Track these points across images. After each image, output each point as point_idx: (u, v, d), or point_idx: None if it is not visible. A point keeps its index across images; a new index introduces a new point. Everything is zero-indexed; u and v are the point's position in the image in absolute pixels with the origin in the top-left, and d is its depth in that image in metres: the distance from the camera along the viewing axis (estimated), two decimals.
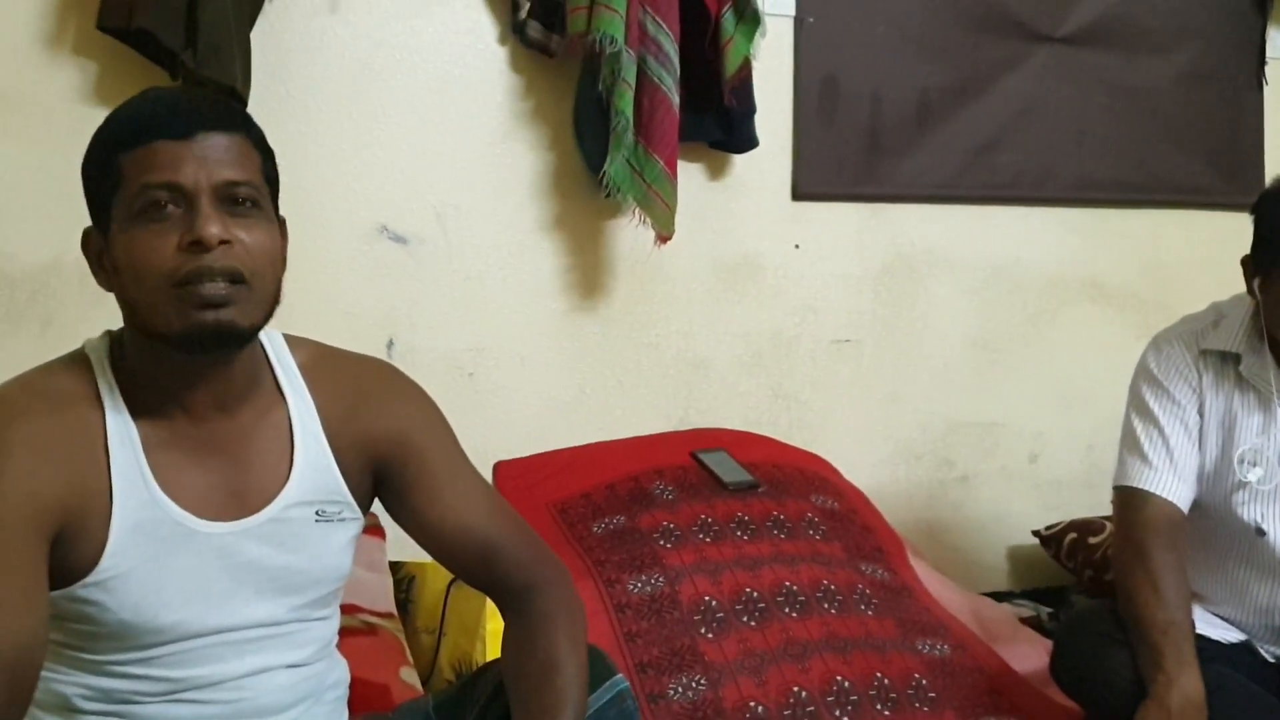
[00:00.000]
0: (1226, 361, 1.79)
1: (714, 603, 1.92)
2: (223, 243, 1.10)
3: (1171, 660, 1.61)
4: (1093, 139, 2.82)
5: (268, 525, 1.18)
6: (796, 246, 2.61)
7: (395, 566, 2.01)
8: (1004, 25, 2.73)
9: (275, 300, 1.17)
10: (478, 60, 2.35)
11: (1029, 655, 2.06)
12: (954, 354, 2.74)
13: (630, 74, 2.19)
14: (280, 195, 1.20)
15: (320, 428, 1.23)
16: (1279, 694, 1.74)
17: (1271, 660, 1.80)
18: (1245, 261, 1.73)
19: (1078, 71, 2.80)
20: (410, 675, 1.74)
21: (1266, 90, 3.01)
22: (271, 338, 1.24)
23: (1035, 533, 2.69)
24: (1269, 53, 3.00)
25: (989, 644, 2.03)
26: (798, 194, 2.59)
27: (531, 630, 1.24)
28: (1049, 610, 2.56)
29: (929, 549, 2.64)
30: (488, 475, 2.33)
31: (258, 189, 1.14)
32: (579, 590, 1.34)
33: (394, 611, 1.89)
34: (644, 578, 1.97)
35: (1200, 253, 2.83)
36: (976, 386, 2.77)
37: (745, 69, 2.36)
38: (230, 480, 1.18)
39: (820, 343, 2.63)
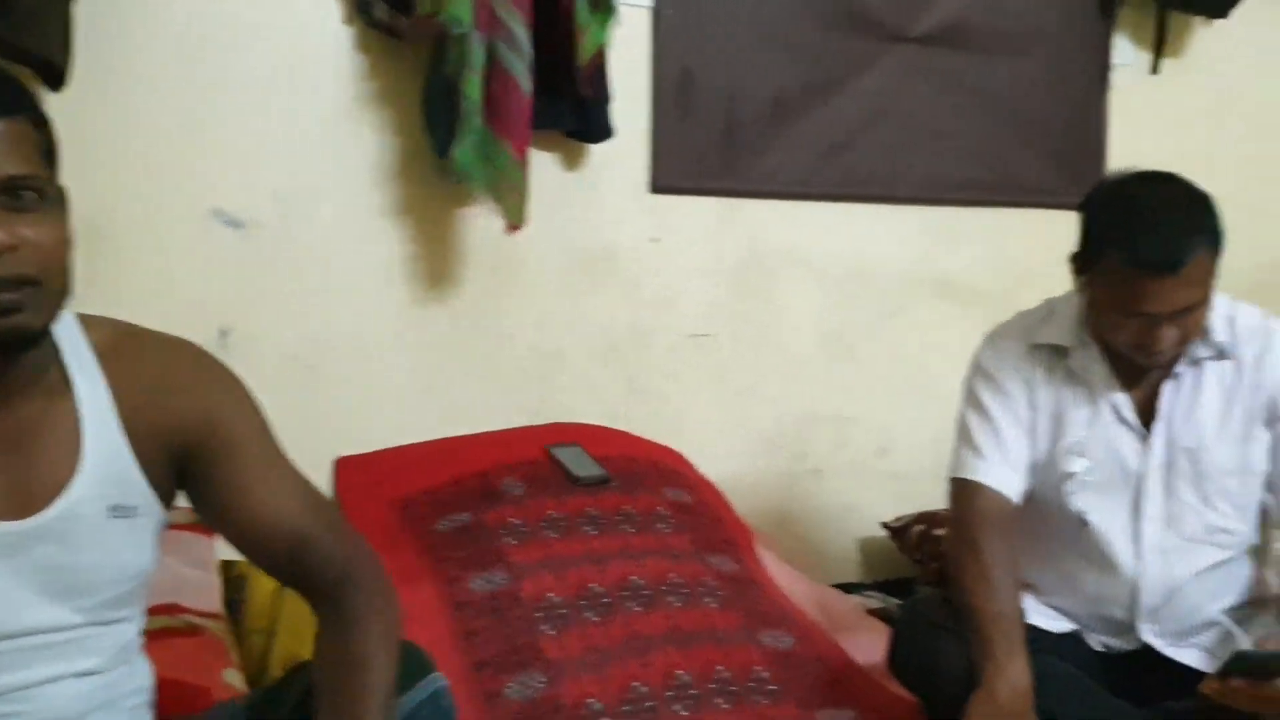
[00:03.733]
0: (1057, 355, 1.83)
1: (557, 599, 1.89)
2: (9, 249, 1.01)
3: (1001, 650, 1.63)
4: (944, 139, 2.87)
5: (55, 523, 1.10)
6: (654, 239, 2.59)
7: (227, 566, 1.93)
8: (860, 25, 2.75)
9: (68, 289, 1.09)
10: (321, 39, 2.27)
11: (874, 646, 2.07)
12: (808, 349, 2.77)
13: (478, 58, 2.14)
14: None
15: (115, 416, 1.15)
16: (1106, 682, 1.79)
17: (1100, 649, 1.85)
18: (1073, 259, 1.77)
19: (931, 72, 2.85)
20: (234, 677, 1.66)
21: (1111, 95, 3.11)
22: (62, 319, 1.14)
23: (884, 524, 2.74)
24: (1114, 58, 3.10)
25: (833, 635, 2.04)
26: (655, 186, 2.58)
27: (342, 627, 1.19)
28: (898, 601, 2.60)
29: (781, 540, 2.66)
30: (329, 471, 2.27)
31: (41, 178, 1.05)
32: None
33: (220, 611, 1.81)
34: (486, 575, 1.93)
35: (1045, 251, 2.84)
36: (829, 381, 2.80)
37: (599, 58, 2.34)
38: (11, 477, 1.10)
39: (677, 336, 2.63)
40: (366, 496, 2.13)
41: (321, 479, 2.21)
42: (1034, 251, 2.95)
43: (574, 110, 2.37)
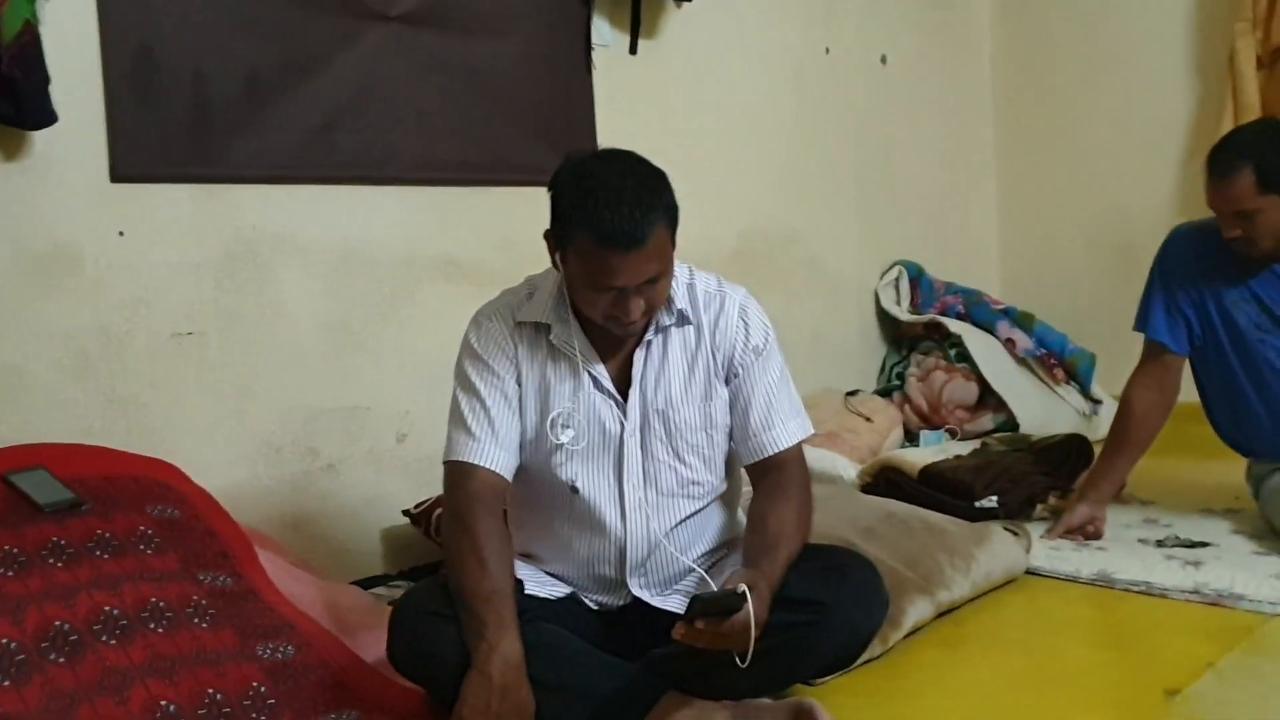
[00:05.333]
0: (540, 332, 1.87)
1: (14, 645, 1.67)
2: None
3: (493, 628, 1.65)
4: (433, 119, 2.85)
5: None
6: (121, 233, 2.36)
7: None
8: (335, 3, 2.66)
9: None
10: None
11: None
12: (310, 340, 2.65)
13: None
14: None
15: None
16: (604, 639, 1.87)
17: (595, 608, 1.92)
18: (548, 236, 1.80)
19: (414, 52, 2.81)
20: None
21: (595, 75, 3.23)
22: None
23: (405, 512, 2.70)
24: (594, 39, 3.23)
25: (340, 636, 1.97)
26: (117, 175, 2.34)
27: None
28: None
29: (297, 543, 2.55)
30: None
31: None
32: None
33: None
34: None
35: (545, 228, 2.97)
36: (337, 372, 2.70)
37: (29, 34, 2.08)
38: None
39: (157, 338, 2.41)
40: None
41: None
42: (535, 229, 2.99)
43: (4, 94, 2.10)
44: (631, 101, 3.35)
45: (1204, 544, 2.57)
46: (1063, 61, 4.53)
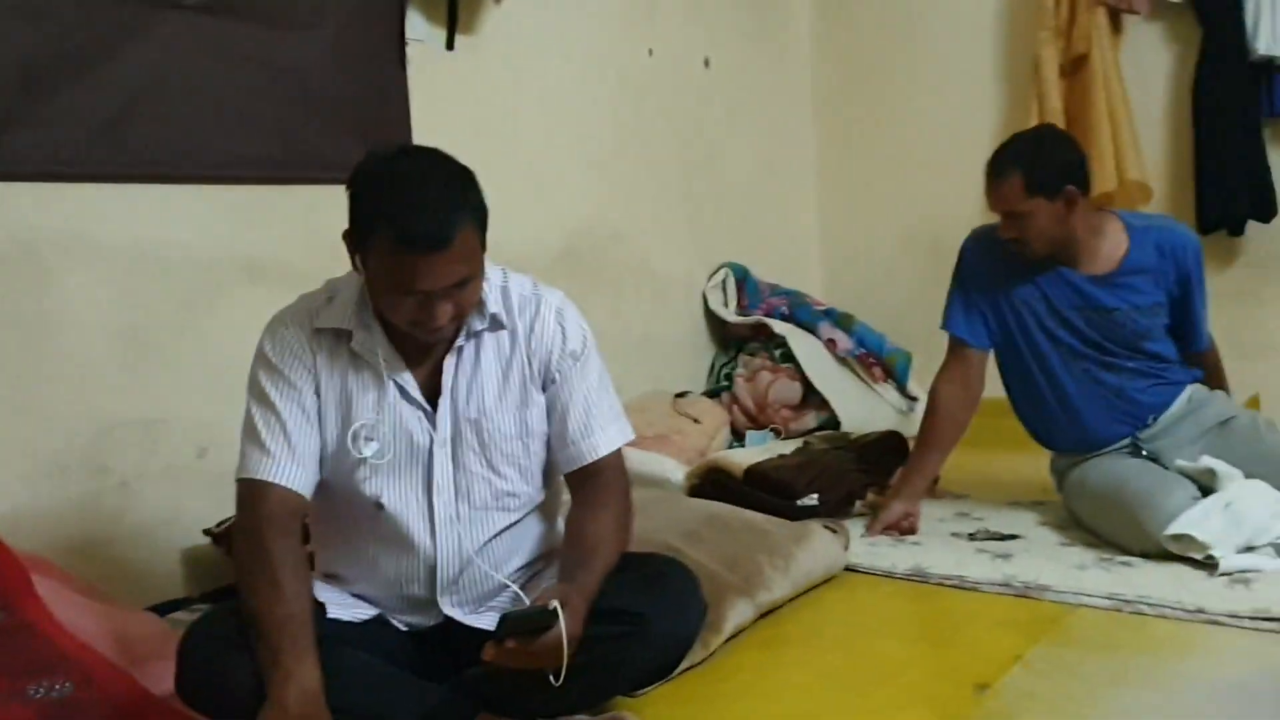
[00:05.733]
0: (340, 339, 1.77)
1: None
2: None
3: (289, 655, 1.55)
4: (235, 115, 2.70)
5: None
6: None
7: None
8: None
9: None
10: None
11: None
12: (98, 350, 2.47)
13: None
14: None
15: None
16: (414, 661, 1.79)
17: (405, 629, 1.84)
18: (346, 237, 1.71)
19: (213, 43, 2.66)
20: None
21: (411, 70, 3.13)
22: None
23: (207, 531, 2.55)
24: (409, 34, 3.12)
25: (129, 668, 1.83)
26: None
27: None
28: None
29: (87, 568, 2.37)
30: None
31: None
32: None
33: None
34: None
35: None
36: (130, 383, 2.53)
37: None
38: None
39: None
40: None
41: None
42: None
43: None
44: (450, 98, 3.26)
45: (1013, 536, 2.64)
46: (879, 68, 4.63)
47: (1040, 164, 2.53)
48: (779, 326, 4.04)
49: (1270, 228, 3.78)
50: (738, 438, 3.86)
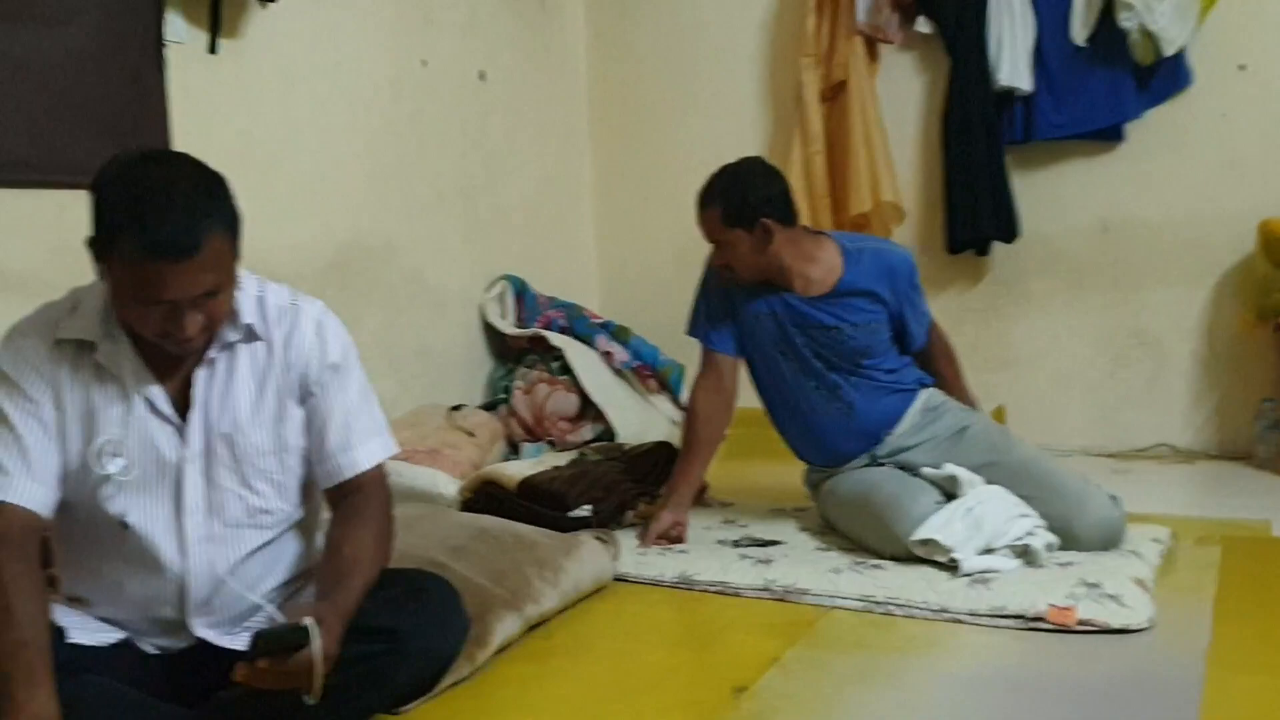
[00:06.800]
0: (84, 350, 1.69)
1: None
2: None
3: (21, 684, 1.47)
4: None
5: None
6: None
7: None
8: None
9: None
10: None
11: None
12: None
13: None
14: None
15: None
16: (164, 686, 1.72)
17: (155, 652, 1.76)
18: (89, 244, 1.63)
19: None
20: None
21: (170, 73, 3.00)
22: None
23: None
24: (167, 35, 3.00)
25: None
26: None
27: None
28: None
29: None
30: None
31: None
32: None
33: None
34: None
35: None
36: None
37: None
38: None
39: None
40: None
41: None
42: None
43: None
44: (213, 103, 3.15)
45: (775, 542, 2.75)
46: (653, 89, 4.74)
47: (737, 198, 2.69)
48: (556, 339, 4.07)
49: (1013, 248, 4.05)
50: (514, 450, 3.86)
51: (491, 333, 4.28)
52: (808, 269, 2.74)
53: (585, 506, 2.87)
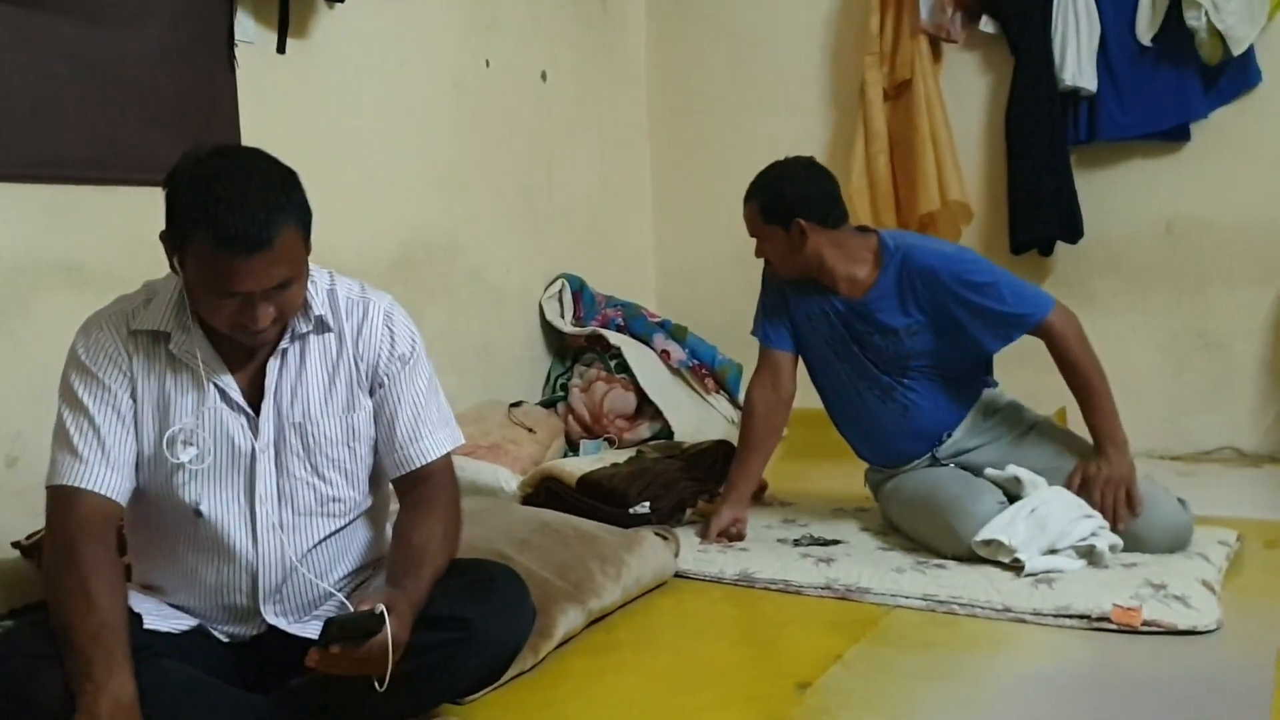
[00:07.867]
0: (158, 341, 1.73)
1: None
2: None
3: (100, 668, 1.50)
4: (52, 112, 2.58)
5: None
6: None
7: None
8: None
9: None
10: None
11: None
12: None
13: None
14: None
15: None
16: (235, 673, 1.75)
17: (226, 639, 1.79)
18: (164, 238, 1.67)
19: (27, 37, 2.54)
20: None
21: (239, 72, 3.06)
22: None
23: (16, 544, 2.43)
24: (238, 35, 3.05)
25: None
26: None
27: None
28: None
29: None
30: None
31: None
32: None
33: None
34: None
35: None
36: None
37: None
38: None
39: None
40: None
41: None
42: None
43: None
44: (281, 102, 3.20)
45: (836, 542, 2.74)
46: (712, 87, 4.74)
47: (774, 195, 2.69)
48: (614, 338, 4.09)
49: (1076, 248, 4.00)
50: (573, 448, 3.88)
51: (550, 331, 4.30)
52: (853, 270, 2.71)
53: (644, 503, 2.88)
